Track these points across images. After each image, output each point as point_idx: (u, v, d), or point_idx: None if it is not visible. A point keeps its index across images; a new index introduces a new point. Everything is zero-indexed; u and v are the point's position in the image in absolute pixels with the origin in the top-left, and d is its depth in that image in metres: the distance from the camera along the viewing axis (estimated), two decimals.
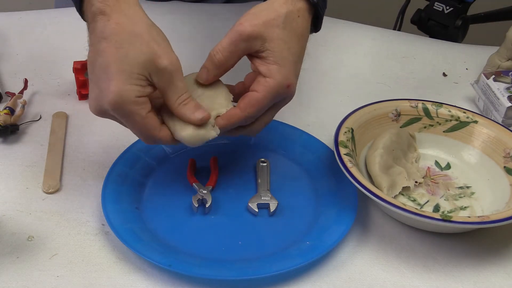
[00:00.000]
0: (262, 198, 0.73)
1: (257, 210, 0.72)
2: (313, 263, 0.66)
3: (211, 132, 0.67)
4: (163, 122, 0.67)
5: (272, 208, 0.72)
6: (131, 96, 0.62)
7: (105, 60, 0.62)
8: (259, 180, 0.75)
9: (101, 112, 0.64)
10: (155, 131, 0.65)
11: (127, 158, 0.76)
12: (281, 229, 0.70)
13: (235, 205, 0.73)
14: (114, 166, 0.74)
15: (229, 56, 0.67)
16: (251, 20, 0.67)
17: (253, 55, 0.68)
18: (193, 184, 0.73)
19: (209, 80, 0.69)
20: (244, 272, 0.64)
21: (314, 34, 1.09)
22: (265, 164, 0.77)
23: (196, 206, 0.71)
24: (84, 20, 0.67)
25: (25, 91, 0.88)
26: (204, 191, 0.72)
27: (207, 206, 0.71)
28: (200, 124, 0.66)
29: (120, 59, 0.61)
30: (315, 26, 0.73)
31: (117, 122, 0.67)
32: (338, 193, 0.73)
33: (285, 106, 0.73)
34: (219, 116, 0.68)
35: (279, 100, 0.69)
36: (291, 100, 0.88)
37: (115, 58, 0.61)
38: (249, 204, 0.72)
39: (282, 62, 0.67)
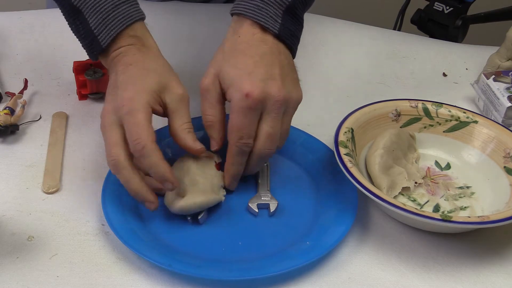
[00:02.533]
0: (262, 198, 0.73)
1: (257, 210, 0.72)
2: (313, 263, 0.66)
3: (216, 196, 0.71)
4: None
5: (272, 208, 0.72)
6: (143, 98, 0.66)
7: (128, 77, 0.68)
8: (259, 181, 0.75)
9: (107, 116, 0.67)
10: (150, 136, 0.65)
11: None
12: (281, 229, 0.70)
13: (235, 205, 0.73)
14: None
15: (212, 111, 0.71)
16: (205, 74, 0.72)
17: (226, 95, 0.71)
18: None
19: (220, 144, 0.73)
20: (244, 272, 0.64)
21: (314, 34, 1.10)
22: (265, 164, 0.77)
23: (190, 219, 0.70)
24: (95, 60, 0.74)
25: (25, 91, 0.88)
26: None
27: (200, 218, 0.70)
28: (198, 153, 0.70)
29: (139, 79, 0.68)
30: (291, 49, 0.74)
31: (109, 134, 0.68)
32: (338, 193, 0.73)
33: None
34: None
35: (257, 111, 0.68)
36: None
37: (138, 78, 0.68)
38: (249, 204, 0.72)
39: (233, 80, 0.69)
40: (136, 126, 0.65)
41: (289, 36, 0.72)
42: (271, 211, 0.71)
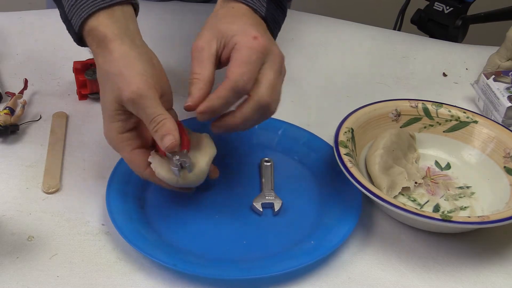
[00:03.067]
0: (267, 197, 0.73)
1: (261, 209, 0.72)
2: (315, 263, 0.66)
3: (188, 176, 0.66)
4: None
5: (277, 207, 0.72)
6: (114, 134, 0.66)
7: (102, 81, 0.66)
8: (263, 180, 0.75)
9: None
10: (140, 169, 0.67)
11: None
12: (285, 228, 0.71)
13: (240, 204, 0.73)
14: (118, 165, 0.74)
15: (202, 70, 0.67)
16: (200, 35, 0.69)
17: (222, 56, 0.68)
18: (166, 154, 0.66)
19: (196, 102, 0.65)
20: (248, 271, 0.64)
21: (314, 34, 1.10)
22: (269, 163, 0.77)
23: (177, 170, 0.65)
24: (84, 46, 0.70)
25: (25, 91, 0.88)
26: (177, 156, 0.66)
27: (187, 166, 0.66)
28: (169, 151, 0.64)
29: (102, 100, 0.66)
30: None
31: None
32: (342, 192, 0.73)
33: (285, 106, 0.73)
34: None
35: (261, 56, 0.65)
36: (291, 101, 0.88)
37: (101, 100, 0.66)
38: (254, 204, 0.72)
39: (236, 31, 0.66)
40: (128, 164, 0.68)
41: (272, 21, 0.72)
42: (276, 210, 0.72)
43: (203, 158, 0.68)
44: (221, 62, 0.68)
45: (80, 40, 0.69)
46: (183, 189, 0.70)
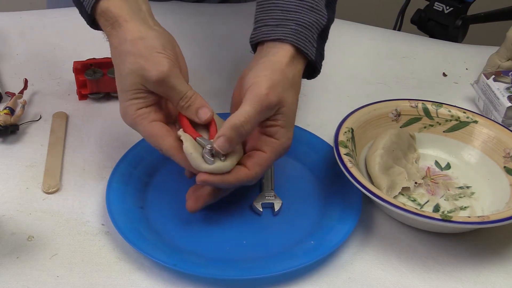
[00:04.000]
0: (267, 197, 0.73)
1: (261, 209, 0.72)
2: (315, 263, 0.66)
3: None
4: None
5: (277, 207, 0.72)
6: (131, 110, 0.66)
7: (119, 65, 0.67)
8: (264, 180, 0.75)
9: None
10: (159, 139, 0.66)
11: (131, 157, 0.76)
12: (285, 228, 0.71)
13: (240, 204, 0.73)
14: (118, 165, 0.74)
15: (256, 125, 0.66)
16: (271, 87, 0.65)
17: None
18: (197, 138, 0.66)
19: (229, 150, 0.65)
20: (248, 271, 0.64)
21: None
22: None
23: (211, 158, 0.64)
24: (98, 29, 0.70)
25: (25, 91, 0.88)
26: (209, 146, 0.65)
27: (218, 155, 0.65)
28: (206, 123, 0.67)
29: (119, 81, 0.67)
30: (310, 75, 0.74)
31: None
32: (342, 192, 0.73)
33: None
34: (227, 173, 0.65)
35: (270, 113, 0.67)
36: None
37: (117, 81, 0.67)
38: (254, 204, 0.72)
39: (287, 124, 0.68)
40: (146, 138, 0.67)
41: (320, 60, 0.72)
42: (276, 210, 0.72)
43: (232, 156, 0.66)
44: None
45: (93, 22, 0.69)
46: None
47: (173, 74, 0.65)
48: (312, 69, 0.73)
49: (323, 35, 0.72)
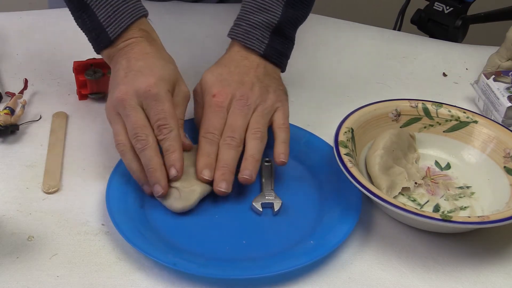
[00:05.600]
0: (266, 197, 0.73)
1: (261, 209, 0.72)
2: (315, 263, 0.66)
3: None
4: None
5: (276, 207, 0.72)
6: (165, 86, 0.72)
7: (148, 64, 0.73)
8: (263, 180, 0.75)
9: (128, 97, 0.71)
10: (176, 122, 0.71)
11: None
12: (285, 228, 0.71)
13: (239, 204, 0.73)
14: (118, 165, 0.74)
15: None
16: (204, 83, 0.78)
17: None
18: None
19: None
20: (247, 271, 0.64)
21: (314, 34, 1.10)
22: (269, 163, 0.77)
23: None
24: (100, 50, 0.78)
25: (25, 91, 0.88)
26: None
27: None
28: (187, 147, 0.74)
29: (159, 68, 0.73)
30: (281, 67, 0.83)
31: (119, 122, 0.72)
32: (342, 192, 0.73)
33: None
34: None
35: (225, 108, 0.75)
36: (291, 100, 0.88)
37: (157, 66, 0.73)
38: (253, 204, 0.72)
39: (206, 86, 0.77)
40: (164, 112, 0.70)
41: (274, 54, 0.80)
42: (275, 210, 0.72)
43: (196, 188, 0.71)
44: None
45: (107, 44, 0.76)
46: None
47: (189, 100, 0.77)
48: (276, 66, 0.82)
49: (278, 32, 0.80)
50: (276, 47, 0.80)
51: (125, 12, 0.75)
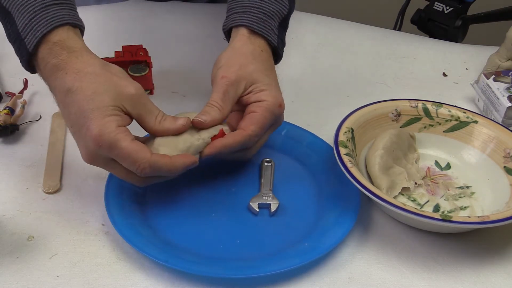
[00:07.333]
0: (264, 198, 0.73)
1: (257, 209, 0.72)
2: (312, 263, 0.66)
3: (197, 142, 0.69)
4: None
5: (273, 208, 0.72)
6: (112, 126, 0.63)
7: (78, 107, 0.63)
8: (262, 180, 0.75)
9: (92, 157, 0.65)
10: (147, 154, 0.64)
11: None
12: (281, 229, 0.70)
13: (237, 204, 0.73)
14: None
15: (229, 104, 0.71)
16: (229, 70, 0.72)
17: (243, 97, 0.72)
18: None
19: (208, 123, 0.70)
20: (241, 270, 0.64)
21: (314, 34, 1.10)
22: (269, 164, 0.77)
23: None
24: (32, 72, 0.70)
25: (25, 91, 0.88)
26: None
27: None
28: (184, 129, 0.68)
29: (91, 100, 0.63)
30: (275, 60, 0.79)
31: (109, 169, 0.67)
32: (341, 194, 0.73)
33: (285, 106, 0.73)
34: (217, 137, 0.69)
35: (274, 120, 0.73)
36: (291, 100, 0.88)
37: (86, 101, 0.63)
38: (250, 204, 0.72)
39: (268, 87, 0.72)
40: (128, 157, 0.63)
41: (281, 47, 0.78)
42: (272, 211, 0.71)
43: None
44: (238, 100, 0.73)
45: (30, 55, 0.67)
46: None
47: (146, 94, 0.67)
48: (275, 56, 0.78)
49: (283, 24, 0.78)
50: (282, 39, 0.78)
51: (44, 19, 0.65)
